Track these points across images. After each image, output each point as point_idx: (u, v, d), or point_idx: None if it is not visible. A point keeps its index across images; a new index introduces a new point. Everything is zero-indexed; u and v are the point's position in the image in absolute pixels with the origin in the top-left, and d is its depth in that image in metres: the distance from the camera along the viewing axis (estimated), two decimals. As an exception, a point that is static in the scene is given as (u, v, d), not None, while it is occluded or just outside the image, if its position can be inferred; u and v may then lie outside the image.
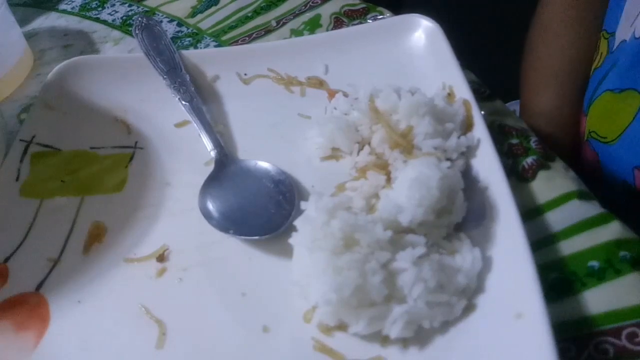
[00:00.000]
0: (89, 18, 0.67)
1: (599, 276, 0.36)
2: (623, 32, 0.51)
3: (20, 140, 0.47)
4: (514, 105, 0.76)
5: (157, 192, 0.45)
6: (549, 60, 0.62)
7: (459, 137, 0.42)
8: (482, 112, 0.44)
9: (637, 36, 0.48)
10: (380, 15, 0.60)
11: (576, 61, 0.60)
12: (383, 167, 0.42)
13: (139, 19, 0.57)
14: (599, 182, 0.53)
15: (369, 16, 0.60)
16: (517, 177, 0.43)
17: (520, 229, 0.35)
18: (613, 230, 0.38)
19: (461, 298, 0.35)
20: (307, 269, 0.36)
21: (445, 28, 0.51)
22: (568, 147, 0.60)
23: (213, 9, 0.65)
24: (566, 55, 0.60)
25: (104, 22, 0.66)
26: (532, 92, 0.64)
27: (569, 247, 0.38)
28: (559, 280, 0.37)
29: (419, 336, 0.34)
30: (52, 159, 0.47)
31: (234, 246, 0.40)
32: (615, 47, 0.52)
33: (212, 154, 0.46)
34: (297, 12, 0.62)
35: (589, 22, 0.59)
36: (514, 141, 0.45)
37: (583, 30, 0.59)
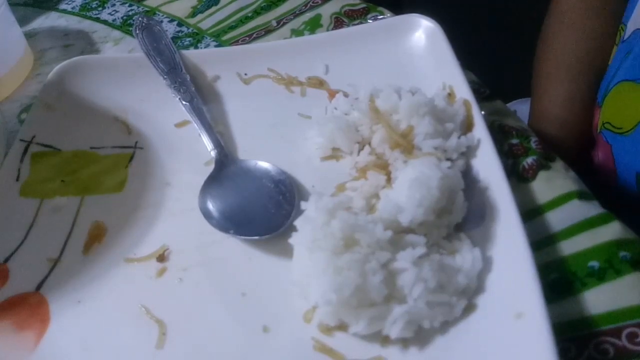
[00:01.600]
0: (89, 18, 0.67)
1: (599, 276, 0.36)
2: (638, 21, 0.50)
3: (21, 140, 0.47)
4: (515, 106, 0.76)
5: (157, 192, 0.45)
6: (564, 51, 0.61)
7: (459, 137, 0.42)
8: (482, 112, 0.44)
9: None
10: (380, 15, 0.60)
11: (593, 53, 0.59)
12: (383, 167, 0.42)
13: (139, 19, 0.57)
14: (610, 175, 0.52)
15: (369, 16, 0.60)
16: (517, 177, 0.43)
17: (520, 229, 0.35)
18: (613, 230, 0.38)
19: (461, 298, 0.35)
20: (307, 269, 0.36)
21: (446, 28, 0.51)
22: (579, 141, 0.59)
23: (213, 9, 0.65)
24: (583, 47, 0.60)
25: (104, 22, 0.66)
26: (546, 83, 0.63)
27: (569, 247, 0.38)
28: (559, 281, 0.37)
29: (419, 336, 0.34)
30: (52, 159, 0.47)
31: (234, 246, 0.40)
32: (627, 35, 0.51)
33: (212, 154, 0.46)
34: (297, 12, 0.62)
35: (609, 12, 0.58)
36: (514, 141, 0.45)
37: (603, 21, 0.58)
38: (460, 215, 0.39)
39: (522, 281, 0.33)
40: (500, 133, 0.46)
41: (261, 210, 0.41)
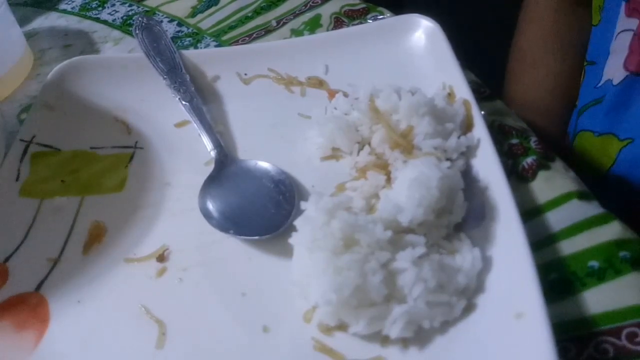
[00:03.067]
0: (89, 18, 0.67)
1: (599, 276, 0.36)
2: (611, 70, 0.50)
3: (21, 140, 0.47)
4: None
5: (157, 192, 0.45)
6: (531, 89, 0.61)
7: (459, 137, 0.42)
8: (482, 112, 0.44)
9: (615, 83, 0.48)
10: (380, 15, 0.60)
11: (559, 89, 0.58)
12: (383, 167, 0.42)
13: (139, 18, 0.57)
14: None
15: (369, 16, 0.60)
16: (517, 177, 0.43)
17: (520, 229, 0.35)
18: (613, 230, 0.38)
19: (461, 298, 0.35)
20: (307, 269, 0.36)
21: (445, 28, 0.51)
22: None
23: (213, 9, 0.65)
24: (548, 84, 0.59)
25: (104, 22, 0.66)
26: None
27: (569, 247, 0.38)
28: (559, 280, 0.37)
29: (419, 336, 0.34)
30: (52, 159, 0.47)
31: (234, 246, 0.40)
32: (601, 82, 0.52)
33: (212, 154, 0.46)
34: (297, 12, 0.62)
35: (569, 50, 0.58)
36: (514, 141, 0.45)
37: (565, 61, 0.58)
38: (460, 215, 0.39)
39: (522, 281, 0.33)
40: (500, 133, 0.46)
41: (261, 210, 0.41)
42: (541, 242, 0.38)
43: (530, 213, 0.40)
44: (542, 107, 0.60)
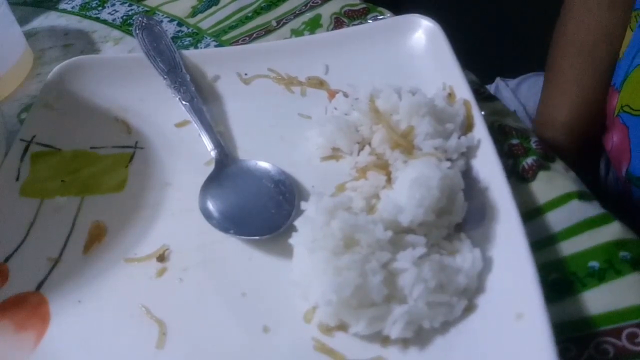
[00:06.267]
0: (89, 17, 0.67)
1: (599, 276, 0.36)
2: None
3: (21, 140, 0.47)
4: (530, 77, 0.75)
5: (157, 192, 0.45)
6: (576, 35, 0.61)
7: (459, 138, 0.42)
8: (482, 113, 0.44)
9: None
10: (380, 15, 0.60)
11: (606, 39, 0.58)
12: (383, 167, 0.42)
13: (139, 18, 0.57)
14: (623, 160, 0.52)
15: (369, 16, 0.60)
16: (517, 177, 0.43)
17: (520, 229, 0.35)
18: (613, 230, 0.38)
19: (461, 298, 0.35)
20: (308, 269, 0.36)
21: (446, 28, 0.51)
22: (589, 130, 0.59)
23: (213, 8, 0.65)
24: (596, 32, 0.59)
25: (104, 21, 0.66)
26: (556, 68, 0.63)
27: (569, 247, 0.38)
28: (559, 281, 0.37)
29: (420, 336, 0.34)
30: (53, 159, 0.47)
31: (234, 246, 0.40)
32: None
33: (213, 154, 0.46)
34: (297, 12, 0.62)
35: (621, 3, 0.58)
36: (514, 141, 0.45)
37: (618, 10, 0.58)
38: (460, 216, 0.39)
39: (522, 281, 0.33)
40: (500, 133, 0.46)
41: (261, 210, 0.41)
42: (541, 243, 0.38)
43: (530, 213, 0.40)
44: (586, 52, 0.60)
